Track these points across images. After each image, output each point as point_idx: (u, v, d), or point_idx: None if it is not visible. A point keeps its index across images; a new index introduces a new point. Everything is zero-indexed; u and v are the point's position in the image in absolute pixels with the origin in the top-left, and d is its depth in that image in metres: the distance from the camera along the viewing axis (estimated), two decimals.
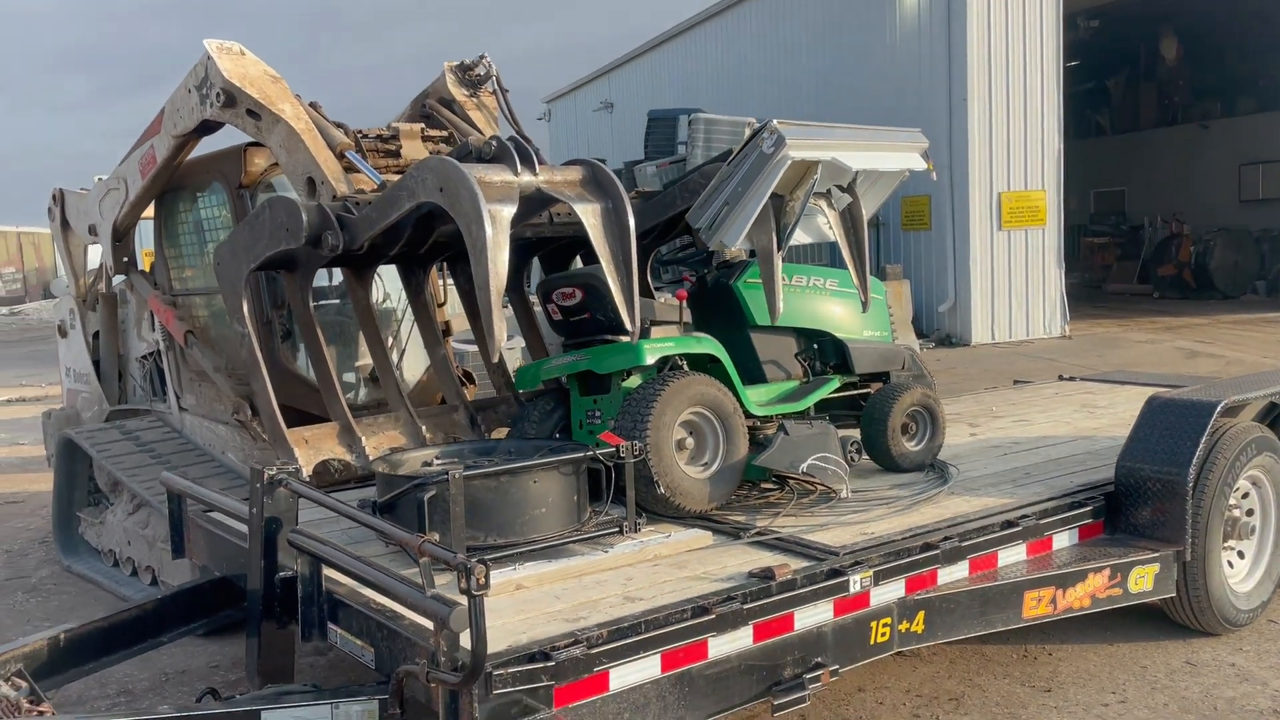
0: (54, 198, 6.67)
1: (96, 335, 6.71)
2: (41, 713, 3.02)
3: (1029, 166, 15.69)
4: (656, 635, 3.02)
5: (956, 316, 15.73)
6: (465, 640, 2.63)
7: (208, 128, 5.06)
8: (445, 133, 5.31)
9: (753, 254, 4.54)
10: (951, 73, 15.43)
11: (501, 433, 5.10)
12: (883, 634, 3.59)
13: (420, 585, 2.80)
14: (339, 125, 4.93)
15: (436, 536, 3.12)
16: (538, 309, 5.16)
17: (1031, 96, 15.56)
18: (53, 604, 5.60)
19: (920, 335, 15.09)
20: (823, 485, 4.26)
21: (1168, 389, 4.87)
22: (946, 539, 3.80)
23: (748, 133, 4.42)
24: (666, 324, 4.48)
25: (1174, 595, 4.32)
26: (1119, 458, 4.44)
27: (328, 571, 3.31)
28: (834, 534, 3.80)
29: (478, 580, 2.50)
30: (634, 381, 4.28)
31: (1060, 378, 7.73)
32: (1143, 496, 4.34)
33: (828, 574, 3.46)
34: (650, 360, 4.14)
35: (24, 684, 3.21)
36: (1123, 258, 23.36)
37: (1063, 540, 4.26)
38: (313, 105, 4.90)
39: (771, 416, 4.43)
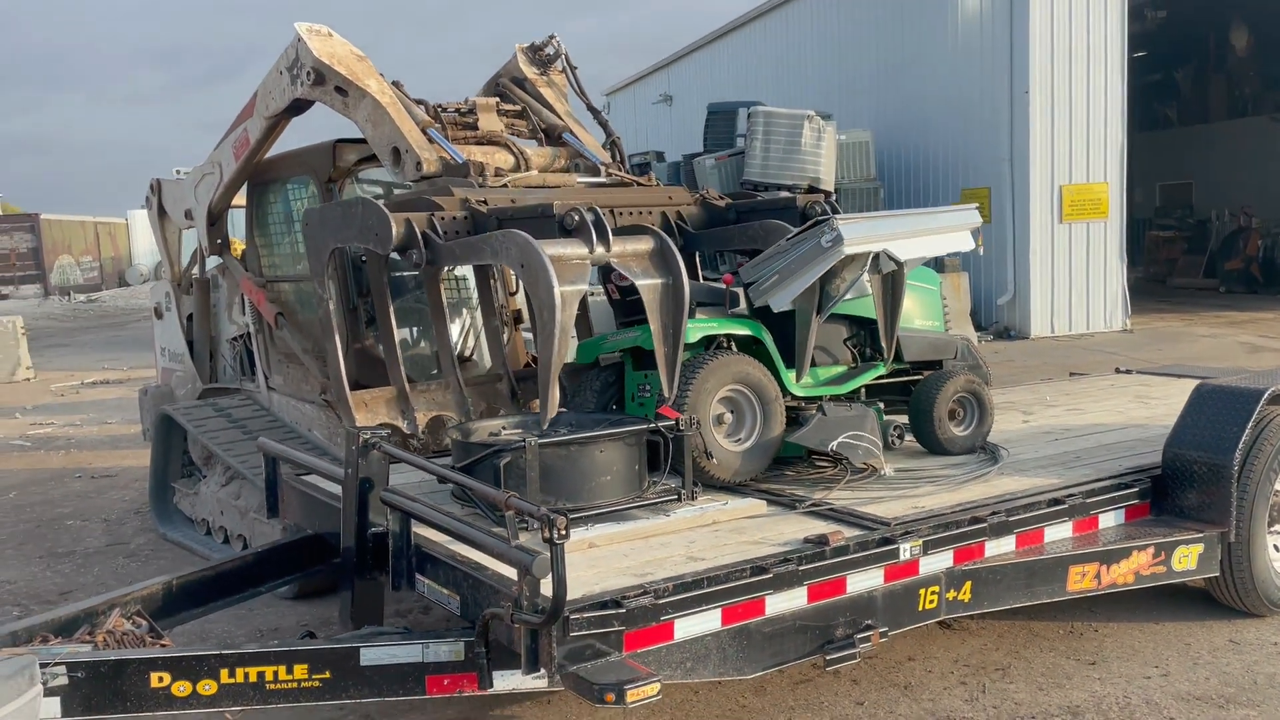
0: (151, 187, 7.06)
1: (190, 318, 7.06)
2: (163, 645, 3.35)
3: (1091, 159, 15.59)
4: (717, 590, 3.27)
5: (1015, 309, 15.70)
6: (545, 588, 2.91)
7: (298, 107, 5.36)
8: (518, 108, 5.58)
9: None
10: (1013, 64, 15.38)
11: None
12: (931, 601, 3.80)
13: (505, 538, 3.07)
14: (419, 102, 5.20)
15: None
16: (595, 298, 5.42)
17: (1095, 88, 15.45)
18: (151, 567, 6.01)
19: (978, 328, 15.10)
20: (854, 462, 4.45)
21: (1219, 377, 4.98)
22: (994, 514, 3.98)
23: (802, 203, 4.68)
24: (713, 306, 4.68)
25: (1218, 575, 4.45)
26: (1166, 442, 4.57)
27: (417, 527, 3.60)
28: (886, 506, 4.00)
29: (559, 530, 2.77)
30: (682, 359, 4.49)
31: (1117, 370, 7.79)
32: (1189, 480, 4.47)
33: (879, 542, 3.67)
34: (694, 338, 4.31)
35: (144, 621, 3.56)
36: (1189, 251, 23.00)
37: (1109, 520, 4.41)
38: (395, 84, 5.19)
39: (816, 398, 4.63)
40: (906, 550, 3.70)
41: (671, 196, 5.12)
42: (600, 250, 3.94)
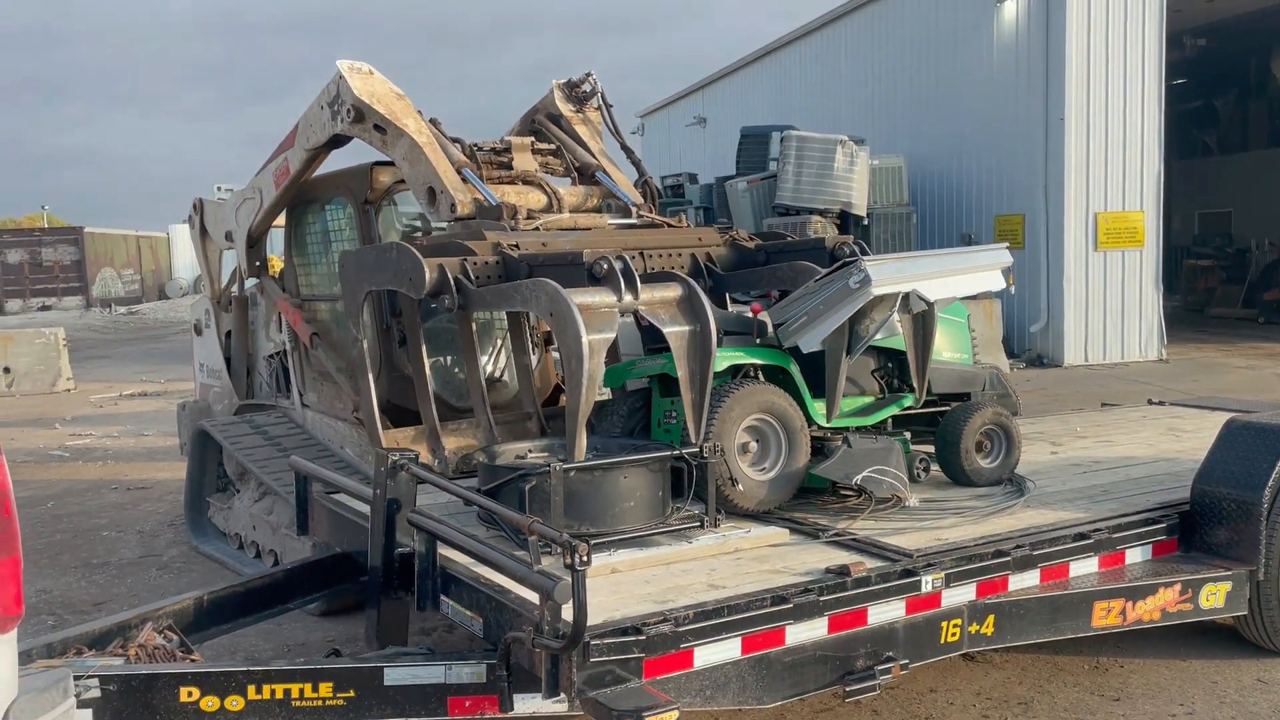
0: (194, 206, 7.24)
1: (229, 334, 7.21)
2: (193, 660, 3.42)
3: (1127, 187, 15.48)
4: (738, 619, 3.30)
5: (1049, 337, 15.58)
6: (567, 613, 2.95)
7: (337, 142, 5.50)
8: (553, 145, 5.66)
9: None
10: (1049, 91, 15.33)
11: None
12: (953, 634, 3.79)
13: (527, 562, 3.12)
14: (455, 140, 5.30)
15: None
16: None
17: (1132, 116, 15.36)
18: (183, 580, 6.11)
19: (1010, 355, 15.00)
20: (878, 495, 4.43)
21: (1250, 413, 4.94)
22: (1019, 547, 3.97)
23: (827, 241, 4.72)
24: (741, 335, 4.71)
25: (1246, 613, 4.40)
26: (1195, 478, 4.54)
27: (442, 549, 3.66)
28: (909, 538, 4.00)
29: (581, 557, 2.81)
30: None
31: (1149, 401, 7.73)
32: (1217, 517, 4.43)
33: (901, 573, 3.68)
34: (721, 368, 4.34)
35: (175, 636, 3.64)
36: (1227, 281, 22.70)
37: (1136, 555, 4.38)
38: (433, 121, 5.30)
39: (842, 429, 4.63)
40: (929, 582, 3.70)
41: (701, 238, 5.17)
42: (629, 298, 4.01)
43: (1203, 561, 4.40)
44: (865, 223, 16.00)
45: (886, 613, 3.62)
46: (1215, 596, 4.29)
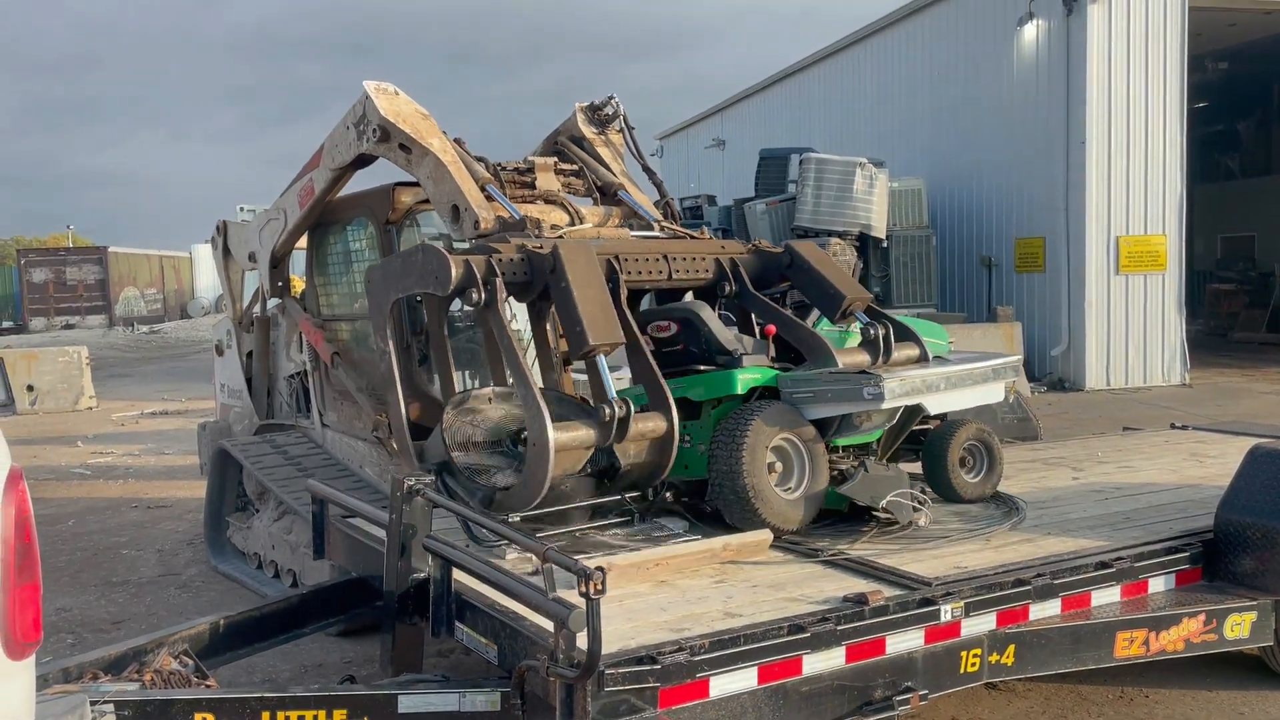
0: (218, 228, 7.30)
1: (250, 355, 7.25)
2: (208, 686, 3.42)
3: (1149, 210, 15.39)
4: (754, 649, 3.26)
5: (1070, 361, 15.47)
6: (582, 641, 2.93)
7: (363, 161, 5.54)
8: (575, 167, 5.67)
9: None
10: (1070, 114, 15.29)
11: None
12: (973, 664, 3.74)
13: (542, 589, 3.11)
14: (480, 159, 5.30)
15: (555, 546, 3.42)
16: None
17: (1153, 139, 15.29)
18: (202, 599, 6.13)
19: (1031, 379, 14.89)
20: (901, 520, 4.47)
21: (1275, 440, 4.88)
22: (1039, 576, 3.93)
23: (842, 249, 4.75)
24: (755, 356, 4.74)
25: (1272, 644, 4.33)
26: (1218, 506, 4.48)
27: (457, 574, 3.65)
28: (927, 565, 3.97)
29: (595, 586, 2.80)
30: (721, 410, 4.54)
31: (1172, 426, 7.65)
32: (1242, 546, 4.37)
33: (919, 602, 3.64)
34: (741, 390, 4.42)
35: (190, 661, 3.64)
36: (1251, 305, 22.51)
37: (1159, 584, 4.31)
38: (457, 141, 5.32)
39: (850, 447, 4.67)
40: (948, 611, 3.65)
41: (725, 246, 5.18)
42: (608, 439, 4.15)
43: (1227, 591, 4.33)
44: (885, 245, 15.98)
45: (905, 642, 3.57)
46: (1240, 627, 4.22)
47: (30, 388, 15.48)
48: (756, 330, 5.08)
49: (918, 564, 3.99)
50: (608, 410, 4.08)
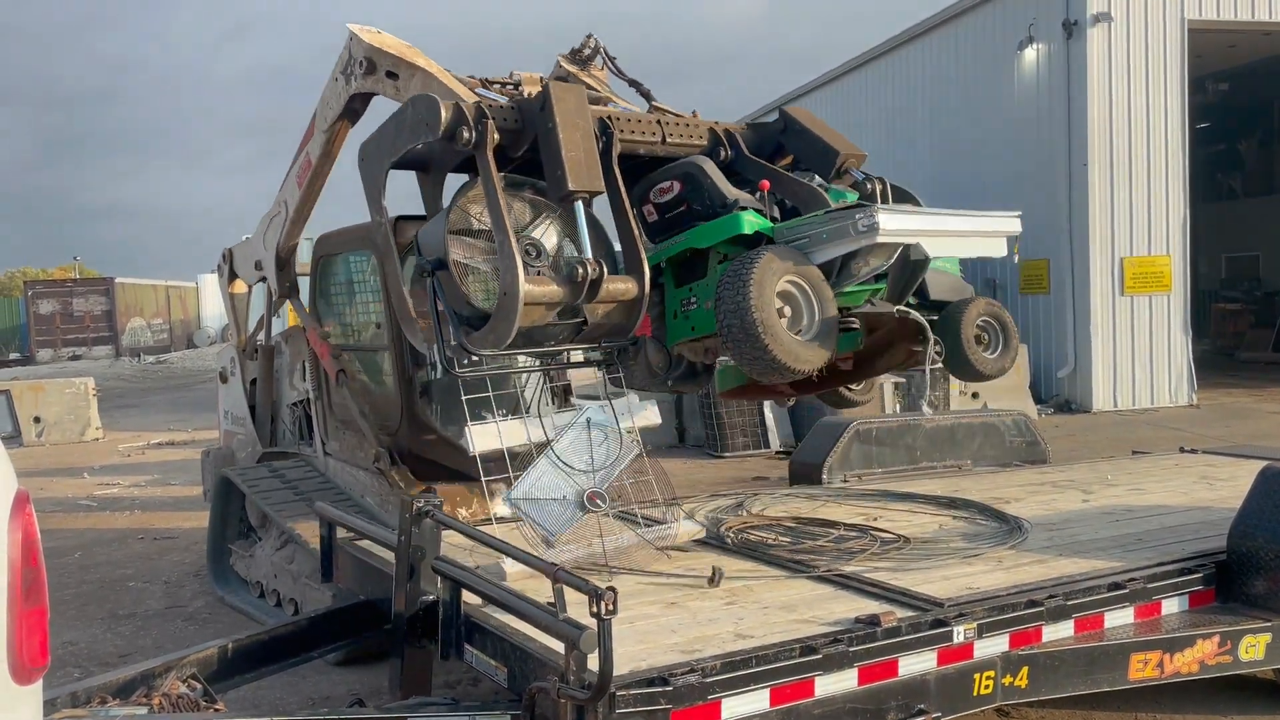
0: (224, 256, 7.36)
1: (254, 383, 7.28)
2: (216, 710, 3.40)
3: (1153, 231, 15.41)
4: (766, 670, 3.24)
5: (1076, 382, 15.44)
6: (593, 663, 2.91)
7: (353, 108, 5.53)
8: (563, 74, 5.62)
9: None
10: (1071, 136, 15.36)
11: None
12: (986, 686, 3.71)
13: (553, 610, 3.09)
14: (467, 77, 5.25)
15: (567, 566, 3.41)
16: None
17: (1155, 160, 15.34)
18: (208, 631, 6.09)
19: (1038, 401, 14.86)
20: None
21: None
22: (1052, 597, 3.90)
23: (851, 198, 4.74)
24: (756, 207, 4.67)
25: None
26: (1231, 527, 4.45)
27: (466, 596, 3.63)
28: (938, 586, 3.94)
29: (606, 606, 2.78)
30: (726, 266, 4.41)
31: (1181, 449, 7.62)
32: (1255, 567, 4.33)
33: (932, 623, 3.61)
34: (748, 230, 4.37)
35: (198, 685, 3.61)
36: (1256, 325, 22.48)
37: (1172, 606, 4.27)
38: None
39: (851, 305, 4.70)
40: (960, 633, 3.62)
41: (718, 121, 5.12)
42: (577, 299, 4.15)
43: (1241, 612, 4.28)
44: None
45: (917, 664, 3.54)
46: (1255, 649, 4.17)
47: (37, 419, 15.50)
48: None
49: (929, 585, 3.96)
50: (580, 270, 4.08)
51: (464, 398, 4.68)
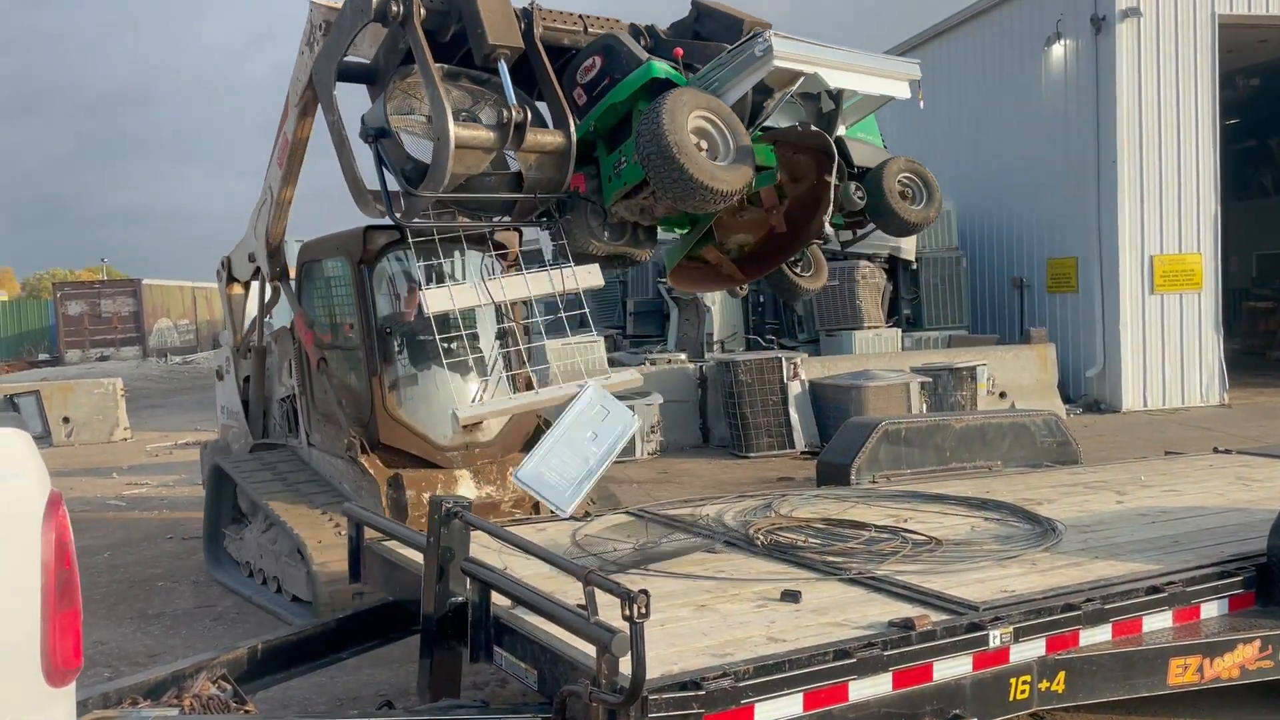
0: (222, 263, 7.81)
1: (247, 379, 7.68)
2: (246, 711, 3.40)
3: (1183, 229, 15.22)
4: (799, 674, 3.19)
5: (1105, 382, 15.27)
6: (625, 666, 2.88)
7: None
8: None
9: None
10: (1100, 133, 15.19)
11: None
12: (1022, 691, 3.65)
13: (584, 613, 3.06)
14: None
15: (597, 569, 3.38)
16: None
17: (1186, 157, 15.14)
18: (237, 631, 6.11)
19: (1066, 400, 14.71)
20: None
21: None
22: (1089, 600, 3.83)
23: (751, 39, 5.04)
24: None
25: None
26: (1272, 529, 4.36)
27: (495, 598, 3.61)
28: (973, 589, 3.88)
29: (639, 609, 2.75)
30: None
31: (1215, 449, 7.50)
32: None
33: (967, 628, 3.55)
34: (660, 74, 4.78)
35: (229, 686, 3.62)
36: None
37: (1211, 610, 4.20)
38: None
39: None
40: (996, 637, 3.57)
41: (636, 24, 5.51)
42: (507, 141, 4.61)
43: None
44: (914, 267, 15.89)
45: (953, 668, 3.49)
46: None
47: (66, 420, 15.63)
48: None
49: (963, 588, 3.91)
50: (505, 113, 4.50)
51: (437, 339, 5.37)
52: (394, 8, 4.51)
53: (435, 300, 5.03)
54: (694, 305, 16.22)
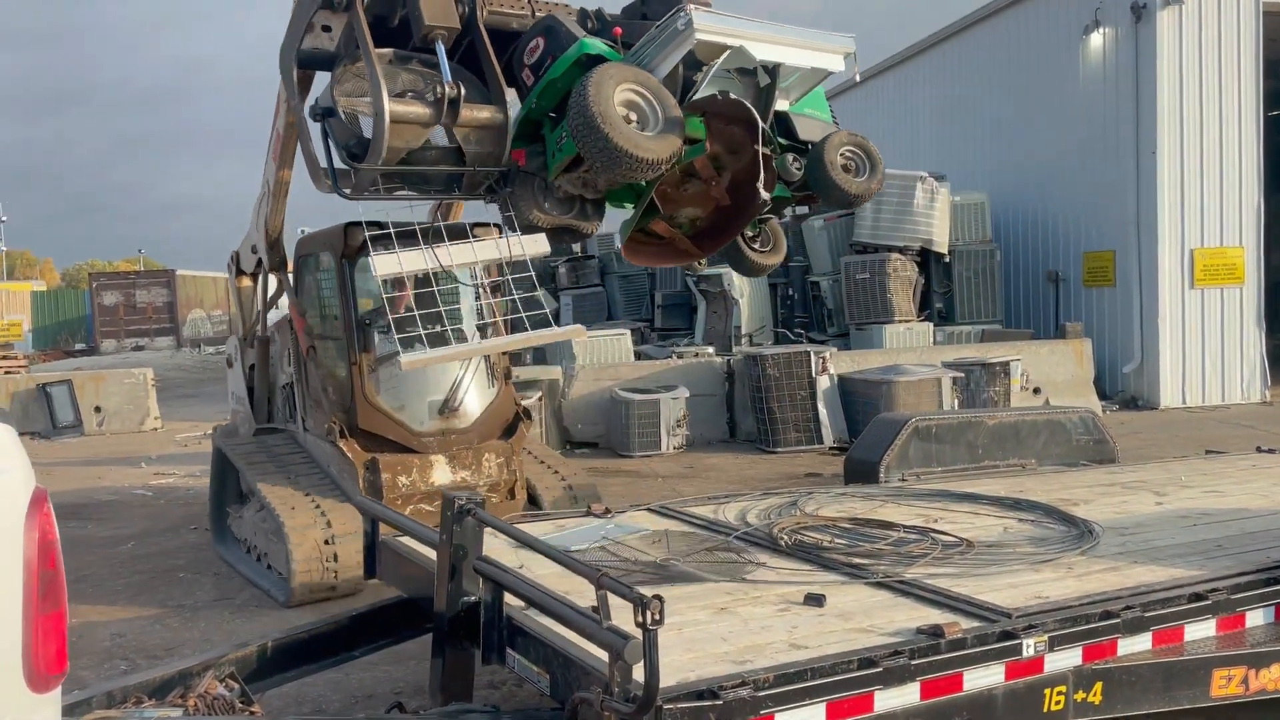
0: (232, 257, 8.16)
1: (252, 367, 8.03)
2: (253, 713, 3.31)
3: (1225, 222, 14.86)
4: (822, 684, 3.06)
5: (1143, 378, 14.95)
6: (639, 673, 2.76)
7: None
8: None
9: None
10: (1140, 123, 14.85)
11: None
12: (1057, 702, 3.49)
13: (597, 617, 2.94)
14: None
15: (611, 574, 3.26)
16: None
17: (1228, 148, 14.78)
18: (255, 624, 6.05)
19: (1102, 396, 14.41)
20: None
21: None
22: (1128, 608, 3.66)
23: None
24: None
25: None
26: None
27: (508, 598, 3.50)
28: (1005, 594, 3.73)
29: (653, 615, 2.62)
30: None
31: (1258, 449, 7.26)
32: None
33: (999, 636, 3.40)
34: (593, 50, 4.95)
35: (236, 685, 3.53)
36: None
37: (1257, 618, 4.01)
38: None
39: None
40: (1030, 646, 3.41)
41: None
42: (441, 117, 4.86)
43: None
44: (947, 260, 15.63)
45: (984, 678, 3.34)
46: None
47: (98, 409, 15.75)
48: None
49: (995, 593, 3.75)
50: (439, 89, 4.75)
51: (392, 317, 5.67)
52: None
53: (384, 264, 5.33)
54: (722, 298, 16.06)
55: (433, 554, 3.84)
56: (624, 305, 19.29)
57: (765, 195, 5.05)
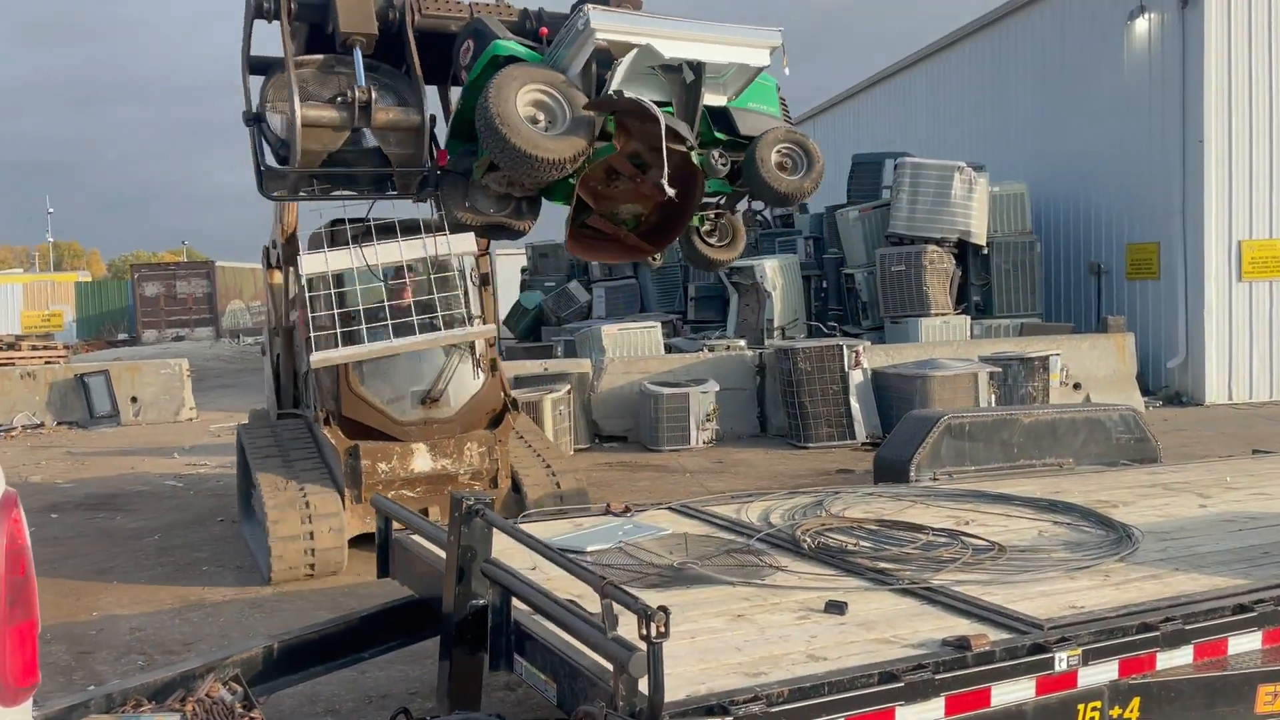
0: (264, 250, 8.40)
1: (279, 356, 8.32)
2: (253, 717, 3.23)
3: (1274, 213, 14.42)
4: (841, 699, 2.91)
5: (1188, 373, 14.56)
6: (644, 686, 2.63)
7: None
8: None
9: None
10: (1185, 112, 14.43)
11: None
12: (1091, 718, 3.31)
13: (602, 626, 2.81)
14: None
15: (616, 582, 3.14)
16: None
17: (1278, 136, 14.33)
18: (275, 620, 6.01)
19: (1145, 392, 14.04)
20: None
21: None
22: (1168, 620, 3.47)
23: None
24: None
25: None
26: None
27: (516, 603, 3.39)
28: (1036, 604, 3.55)
29: (657, 628, 2.50)
30: None
31: None
32: None
33: (1030, 649, 3.23)
34: (503, 52, 4.96)
35: (239, 689, 3.46)
36: None
37: None
38: None
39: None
40: (1063, 660, 3.23)
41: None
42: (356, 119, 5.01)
43: None
44: (985, 252, 15.32)
45: (1013, 693, 3.17)
46: None
47: (134, 399, 15.90)
48: None
49: (1026, 602, 3.58)
50: (350, 93, 4.91)
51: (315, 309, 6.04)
52: (265, 4, 5.00)
53: (310, 264, 5.65)
54: (754, 291, 15.87)
55: (444, 554, 3.74)
56: (657, 297, 19.13)
57: (670, 191, 4.88)
